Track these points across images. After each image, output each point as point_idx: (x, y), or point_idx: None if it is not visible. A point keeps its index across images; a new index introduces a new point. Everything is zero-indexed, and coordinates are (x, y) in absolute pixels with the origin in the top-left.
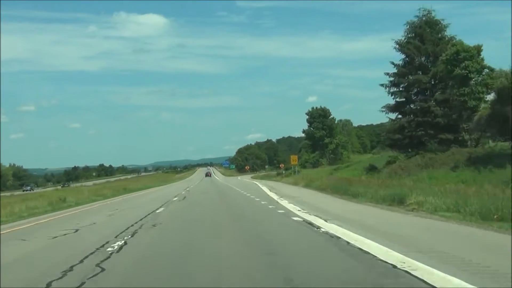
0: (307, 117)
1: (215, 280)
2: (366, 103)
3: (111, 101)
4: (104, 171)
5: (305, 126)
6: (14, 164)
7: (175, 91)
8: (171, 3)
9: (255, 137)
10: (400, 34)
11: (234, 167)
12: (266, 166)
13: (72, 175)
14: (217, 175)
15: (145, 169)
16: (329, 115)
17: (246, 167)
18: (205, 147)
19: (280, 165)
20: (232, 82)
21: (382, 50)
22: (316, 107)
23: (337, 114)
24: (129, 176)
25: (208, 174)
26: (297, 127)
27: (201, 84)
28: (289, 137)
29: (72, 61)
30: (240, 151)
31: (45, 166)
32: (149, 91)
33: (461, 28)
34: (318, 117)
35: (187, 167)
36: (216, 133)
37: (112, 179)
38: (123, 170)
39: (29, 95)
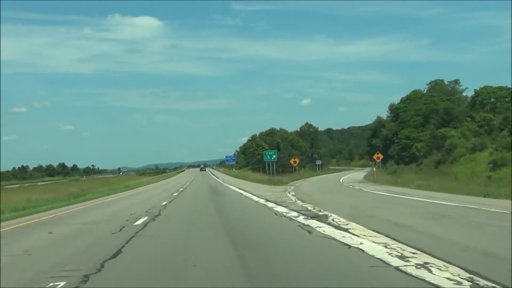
0: None
1: None
2: (361, 106)
3: (105, 103)
4: (53, 171)
5: None
6: None
7: (169, 94)
8: (166, 5)
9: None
10: (395, 37)
11: (274, 155)
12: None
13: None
14: (228, 180)
15: (119, 170)
16: None
17: (293, 160)
18: (199, 150)
19: (377, 156)
20: (226, 84)
21: (377, 53)
22: None
23: (335, 115)
24: (82, 178)
25: (202, 169)
26: (296, 128)
27: (195, 87)
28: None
29: (66, 63)
30: (255, 138)
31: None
32: (143, 93)
33: (455, 32)
34: None
35: (176, 169)
36: (210, 136)
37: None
38: (90, 171)
39: (22, 97)
